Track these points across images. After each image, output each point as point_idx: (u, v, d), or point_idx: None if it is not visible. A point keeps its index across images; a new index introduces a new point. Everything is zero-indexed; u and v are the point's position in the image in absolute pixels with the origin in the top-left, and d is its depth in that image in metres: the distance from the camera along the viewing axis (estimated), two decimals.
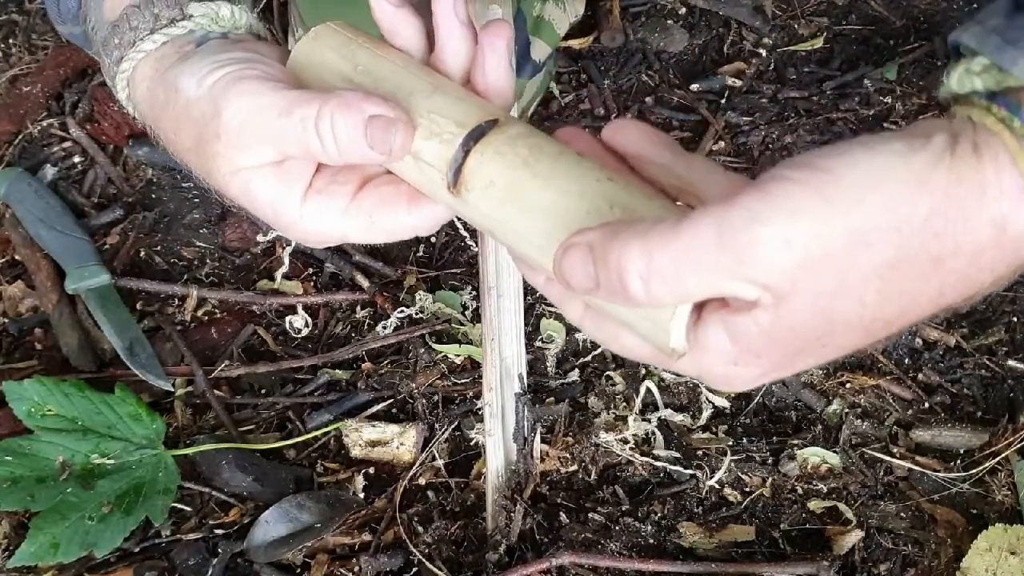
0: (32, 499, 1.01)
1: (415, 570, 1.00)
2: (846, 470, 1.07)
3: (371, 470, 1.09)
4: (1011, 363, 1.14)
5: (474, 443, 1.10)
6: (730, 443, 1.08)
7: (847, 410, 1.11)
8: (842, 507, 1.04)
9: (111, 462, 1.06)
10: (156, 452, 1.07)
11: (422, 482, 1.08)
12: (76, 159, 1.38)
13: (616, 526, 1.01)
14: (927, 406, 1.12)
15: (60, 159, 1.38)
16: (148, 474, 1.05)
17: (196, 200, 1.34)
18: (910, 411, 1.12)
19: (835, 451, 1.08)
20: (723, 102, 1.44)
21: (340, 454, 1.11)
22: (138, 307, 1.22)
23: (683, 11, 1.56)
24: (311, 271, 1.26)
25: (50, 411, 1.06)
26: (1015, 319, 1.18)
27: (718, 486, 1.06)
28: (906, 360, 1.16)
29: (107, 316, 1.18)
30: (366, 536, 1.03)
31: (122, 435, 1.07)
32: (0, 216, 1.30)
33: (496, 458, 1.02)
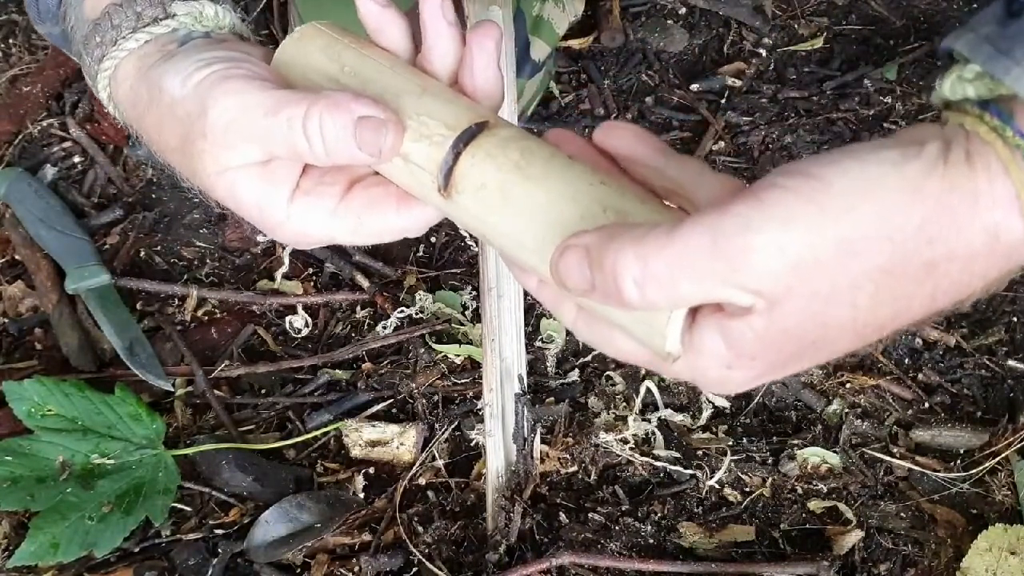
0: (32, 499, 1.01)
1: (415, 570, 1.00)
2: (846, 470, 1.07)
3: (371, 470, 1.09)
4: (1011, 363, 1.14)
5: (474, 443, 1.10)
6: (730, 443, 1.08)
7: (847, 410, 1.11)
8: (842, 507, 1.04)
9: (111, 462, 1.06)
10: (156, 452, 1.07)
11: (422, 482, 1.08)
12: (76, 159, 1.38)
13: (616, 526, 1.01)
14: (927, 406, 1.12)
15: (60, 159, 1.38)
16: (148, 474, 1.05)
17: (196, 200, 1.34)
18: (910, 411, 1.12)
19: (835, 451, 1.08)
20: (723, 102, 1.44)
21: (340, 454, 1.11)
22: (138, 307, 1.22)
23: (683, 11, 1.56)
24: (311, 271, 1.26)
25: (50, 411, 1.06)
26: (1015, 319, 1.19)
27: (718, 486, 1.06)
28: (906, 360, 1.16)
29: (107, 316, 1.18)
30: (366, 536, 1.03)
31: (122, 435, 1.07)
32: (0, 216, 1.30)
33: (496, 458, 1.02)
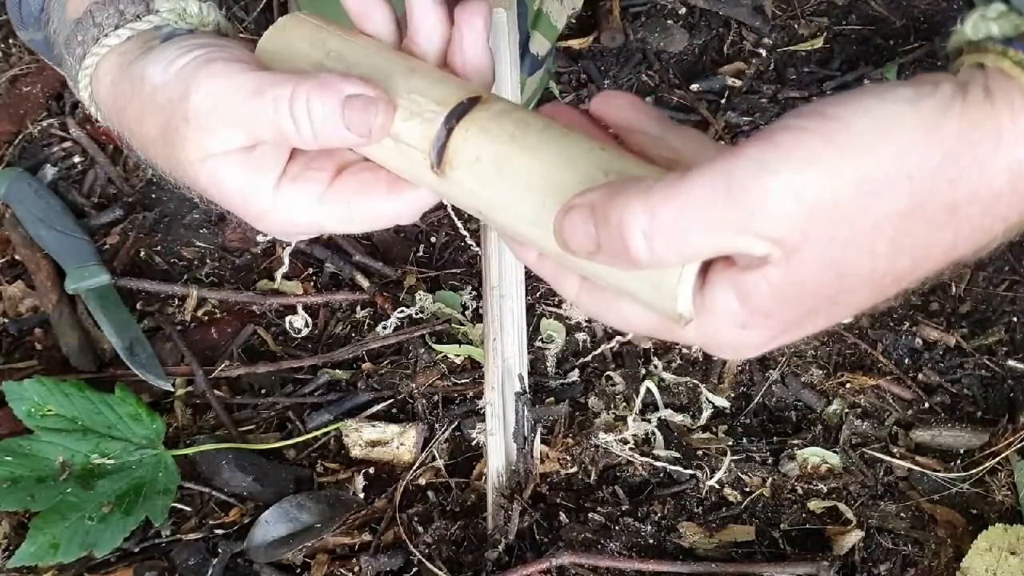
0: (32, 499, 1.01)
1: (415, 570, 1.00)
2: (846, 470, 1.07)
3: (371, 470, 1.09)
4: (1011, 363, 1.14)
5: (474, 443, 1.10)
6: (730, 443, 1.08)
7: (847, 410, 1.11)
8: (842, 507, 1.04)
9: (111, 462, 1.06)
10: (156, 452, 1.07)
11: (422, 482, 1.08)
12: (76, 159, 1.38)
13: (616, 526, 1.01)
14: (927, 406, 1.12)
15: (60, 159, 1.38)
16: (148, 474, 1.05)
17: (196, 200, 1.34)
18: (910, 411, 1.12)
19: (835, 451, 1.08)
20: (723, 102, 1.44)
21: (340, 454, 1.11)
22: (138, 307, 1.22)
23: (683, 11, 1.56)
24: (311, 271, 1.26)
25: (50, 411, 1.06)
26: (1015, 319, 1.19)
27: (718, 486, 1.06)
28: (906, 360, 1.16)
29: (107, 316, 1.18)
30: (366, 536, 1.03)
31: (122, 435, 1.07)
32: (0, 216, 1.30)
33: (497, 458, 1.02)
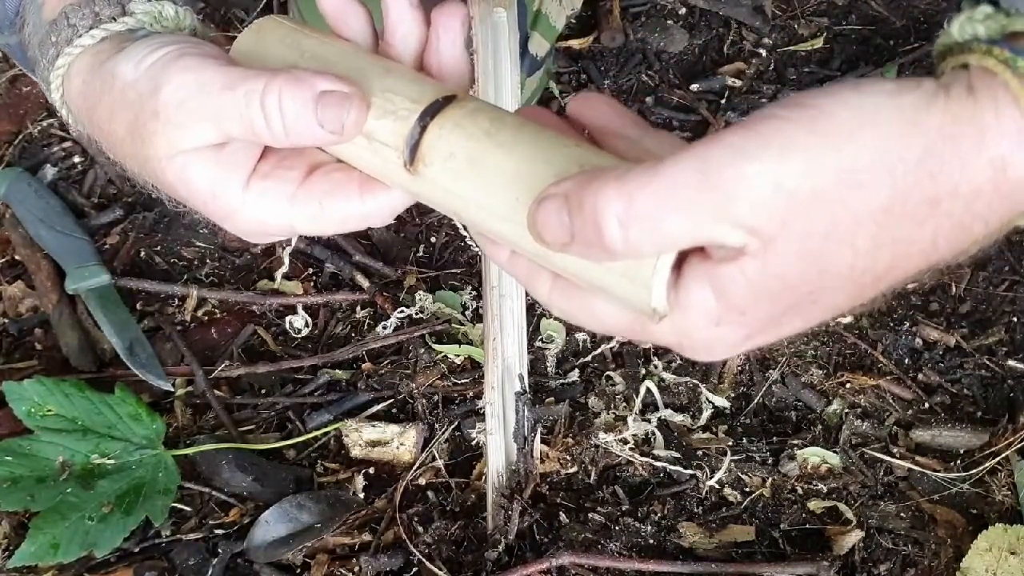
0: (32, 499, 1.01)
1: (415, 570, 1.00)
2: (846, 470, 1.07)
3: (371, 470, 1.09)
4: (1011, 363, 1.14)
5: (474, 443, 1.10)
6: (730, 443, 1.08)
7: (847, 410, 1.11)
8: (842, 507, 1.04)
9: (111, 462, 1.06)
10: (156, 452, 1.07)
11: (422, 482, 1.08)
12: (76, 159, 1.38)
13: (616, 526, 1.01)
14: (927, 406, 1.12)
15: (60, 159, 1.38)
16: (148, 474, 1.05)
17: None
18: (910, 411, 1.12)
19: (835, 451, 1.08)
20: (723, 102, 1.44)
21: (340, 454, 1.11)
22: (138, 307, 1.22)
23: (683, 11, 1.56)
24: (311, 271, 1.26)
25: (50, 411, 1.06)
26: (1015, 319, 1.19)
27: (718, 486, 1.06)
28: (906, 360, 1.16)
29: (107, 316, 1.18)
30: (366, 536, 1.03)
31: (122, 435, 1.07)
32: (0, 216, 1.30)
33: (497, 457, 1.02)
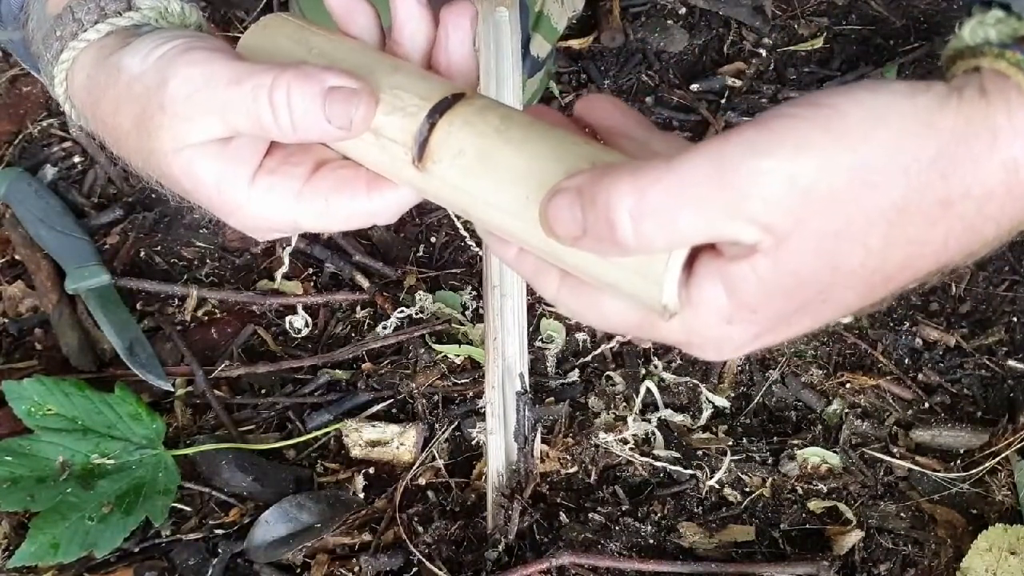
0: (32, 499, 1.01)
1: (415, 570, 1.00)
2: (846, 470, 1.07)
3: (371, 470, 1.09)
4: (1011, 363, 1.14)
5: (474, 443, 1.10)
6: (730, 443, 1.08)
7: (847, 410, 1.11)
8: (842, 507, 1.04)
9: (111, 462, 1.06)
10: (156, 452, 1.07)
11: (422, 482, 1.08)
12: (76, 159, 1.38)
13: (616, 526, 1.01)
14: (927, 406, 1.12)
15: (60, 159, 1.38)
16: (148, 474, 1.05)
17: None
18: (910, 411, 1.12)
19: (835, 451, 1.08)
20: (723, 102, 1.44)
21: (340, 454, 1.11)
22: (138, 307, 1.22)
23: (683, 11, 1.56)
24: (311, 271, 1.26)
25: (50, 411, 1.06)
26: (1015, 319, 1.19)
27: (718, 486, 1.06)
28: (906, 360, 1.16)
29: (107, 316, 1.18)
30: (366, 536, 1.03)
31: (122, 435, 1.07)
32: (0, 216, 1.30)
33: (497, 457, 1.02)
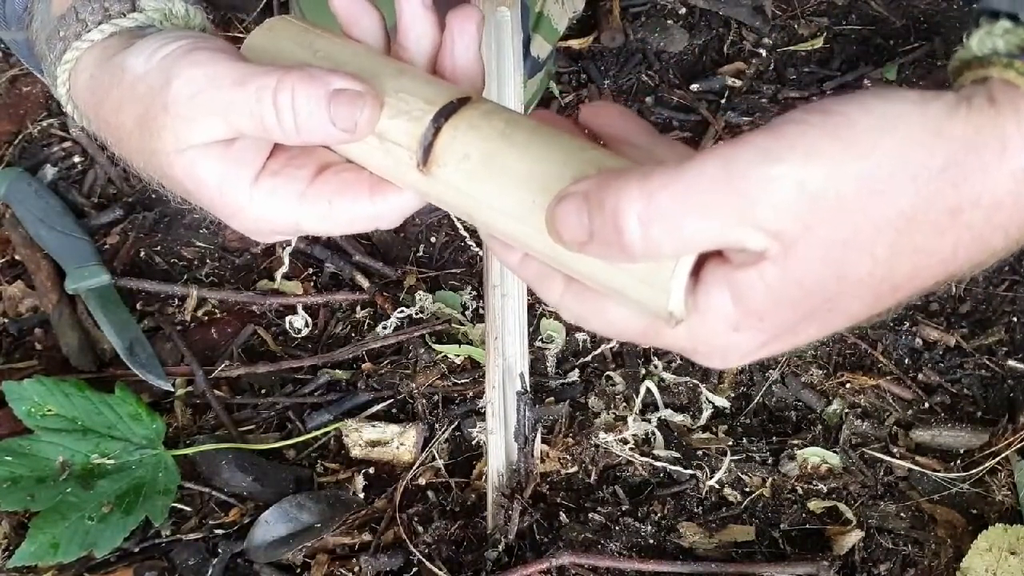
0: (32, 499, 1.01)
1: (415, 570, 1.00)
2: (846, 470, 1.07)
3: (371, 470, 1.09)
4: (1011, 363, 1.14)
5: (474, 443, 1.10)
6: (730, 443, 1.08)
7: (847, 410, 1.11)
8: (842, 507, 1.04)
9: (111, 462, 1.06)
10: (156, 452, 1.07)
11: (422, 482, 1.08)
12: (76, 159, 1.38)
13: (616, 526, 1.01)
14: (927, 406, 1.12)
15: (60, 159, 1.38)
16: (148, 474, 1.05)
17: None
18: (910, 411, 1.12)
19: (835, 451, 1.08)
20: (723, 102, 1.44)
21: (340, 454, 1.11)
22: (138, 307, 1.22)
23: (683, 11, 1.56)
24: (311, 271, 1.26)
25: (50, 411, 1.06)
26: (1015, 319, 1.18)
27: (718, 486, 1.06)
28: (906, 360, 1.16)
29: (107, 316, 1.18)
30: (366, 536, 1.03)
31: (122, 435, 1.07)
32: (0, 216, 1.30)
33: (497, 457, 1.02)
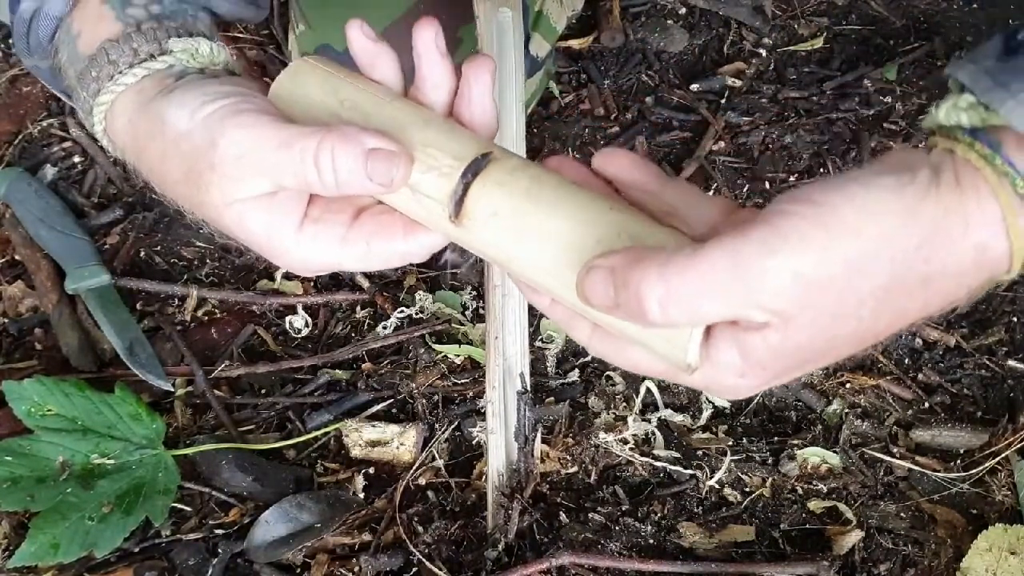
0: (32, 499, 1.01)
1: (415, 570, 1.00)
2: (846, 470, 1.07)
3: (371, 470, 1.09)
4: (1011, 363, 1.14)
5: (475, 443, 1.10)
6: (730, 443, 1.08)
7: (847, 410, 1.11)
8: (842, 507, 1.04)
9: (111, 462, 1.06)
10: (156, 452, 1.07)
11: (422, 482, 1.08)
12: (76, 159, 1.38)
13: (616, 526, 1.01)
14: (927, 406, 1.12)
15: (60, 159, 1.38)
16: (148, 474, 1.05)
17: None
18: (910, 411, 1.12)
19: (835, 451, 1.08)
20: (723, 102, 1.44)
21: (340, 454, 1.11)
22: (138, 307, 1.22)
23: (683, 11, 1.56)
24: None
25: (50, 411, 1.06)
26: (1015, 319, 1.18)
27: (718, 486, 1.06)
28: (906, 360, 1.16)
29: (107, 316, 1.18)
30: (366, 536, 1.03)
31: (122, 435, 1.07)
32: (0, 216, 1.30)
33: (497, 456, 1.02)
